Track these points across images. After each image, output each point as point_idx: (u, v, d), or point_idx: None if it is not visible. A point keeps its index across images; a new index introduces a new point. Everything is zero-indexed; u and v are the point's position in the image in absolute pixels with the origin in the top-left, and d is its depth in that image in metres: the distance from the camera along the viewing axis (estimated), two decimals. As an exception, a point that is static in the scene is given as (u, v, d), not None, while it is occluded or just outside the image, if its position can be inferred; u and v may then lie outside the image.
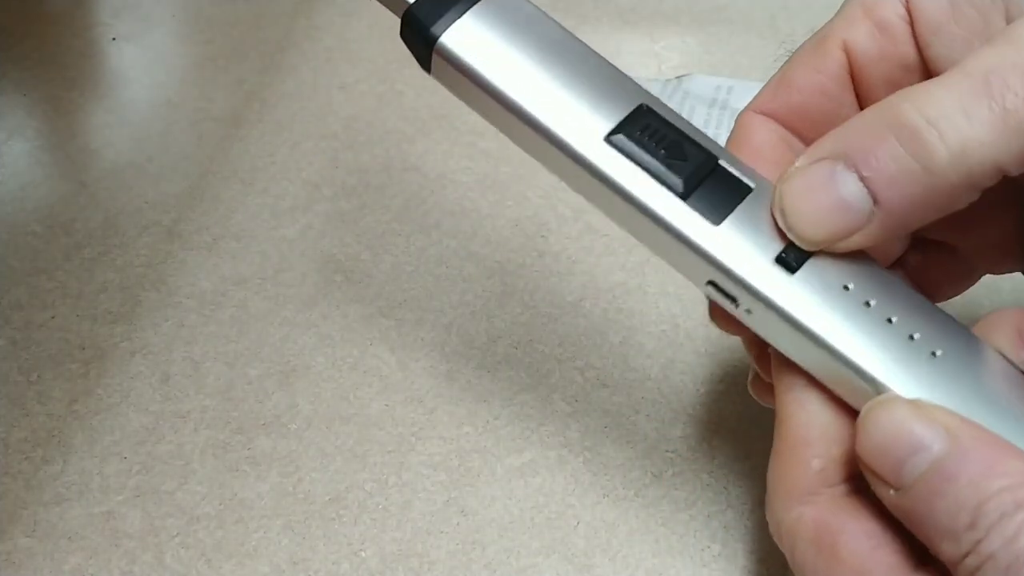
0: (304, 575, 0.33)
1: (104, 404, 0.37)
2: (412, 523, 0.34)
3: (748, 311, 0.24)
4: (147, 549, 0.33)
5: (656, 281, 0.42)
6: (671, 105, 0.45)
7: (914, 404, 0.22)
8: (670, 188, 0.23)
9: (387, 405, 0.37)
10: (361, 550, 0.33)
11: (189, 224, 0.44)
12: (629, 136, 0.23)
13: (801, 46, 0.28)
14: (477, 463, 0.36)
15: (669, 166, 0.23)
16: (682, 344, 0.40)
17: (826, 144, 0.23)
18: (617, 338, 0.40)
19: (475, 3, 0.24)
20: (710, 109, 0.48)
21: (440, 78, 0.25)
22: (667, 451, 0.36)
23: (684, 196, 0.23)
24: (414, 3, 0.25)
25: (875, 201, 0.22)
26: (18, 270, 0.42)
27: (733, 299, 0.24)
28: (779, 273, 0.23)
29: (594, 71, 0.24)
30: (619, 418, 0.37)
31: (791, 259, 0.23)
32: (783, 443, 0.25)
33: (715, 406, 0.38)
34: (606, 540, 0.34)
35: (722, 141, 0.26)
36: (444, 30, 0.24)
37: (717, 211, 0.23)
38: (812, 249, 0.23)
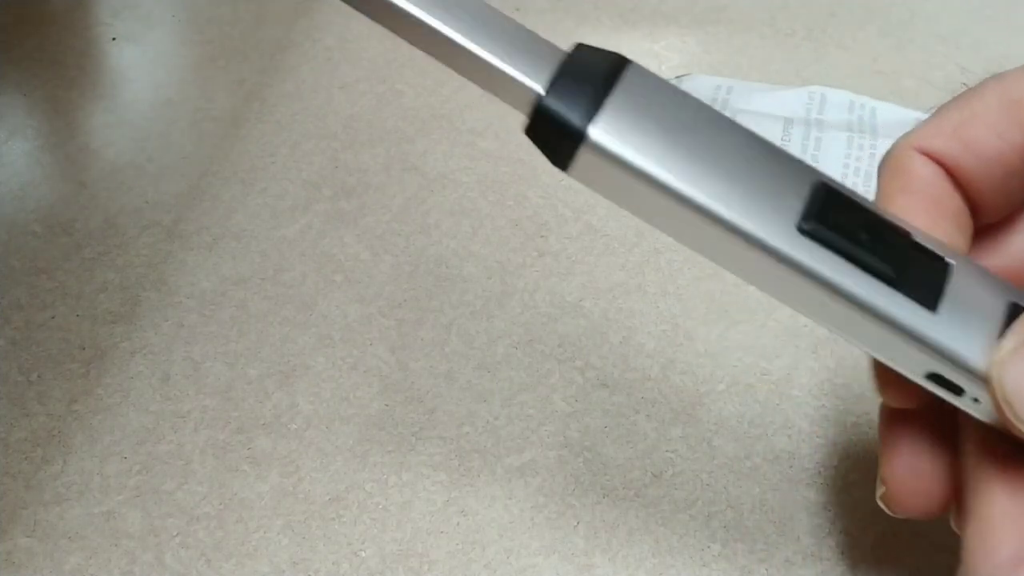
0: (304, 575, 0.33)
1: (104, 404, 0.37)
2: (412, 523, 0.34)
3: (975, 400, 0.22)
4: (147, 549, 0.33)
5: (656, 281, 0.42)
6: None
7: None
8: (879, 275, 0.21)
9: (387, 405, 0.37)
10: (361, 550, 0.33)
11: (189, 224, 0.44)
12: (821, 221, 0.21)
13: (984, 89, 0.24)
14: (477, 463, 0.36)
15: (872, 250, 0.21)
16: (682, 344, 0.40)
17: None
18: (617, 338, 0.40)
19: (611, 88, 0.21)
20: None
21: (584, 176, 0.22)
22: (667, 451, 0.36)
23: (894, 282, 0.21)
24: (547, 94, 0.21)
25: None
26: (18, 270, 0.42)
27: (957, 389, 0.22)
28: None
29: (755, 149, 0.22)
30: (619, 418, 0.37)
31: None
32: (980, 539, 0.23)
33: (715, 406, 0.38)
34: (606, 540, 0.34)
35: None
36: (590, 122, 0.21)
37: (929, 295, 0.21)
38: None
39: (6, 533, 0.34)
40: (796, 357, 0.39)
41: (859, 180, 0.44)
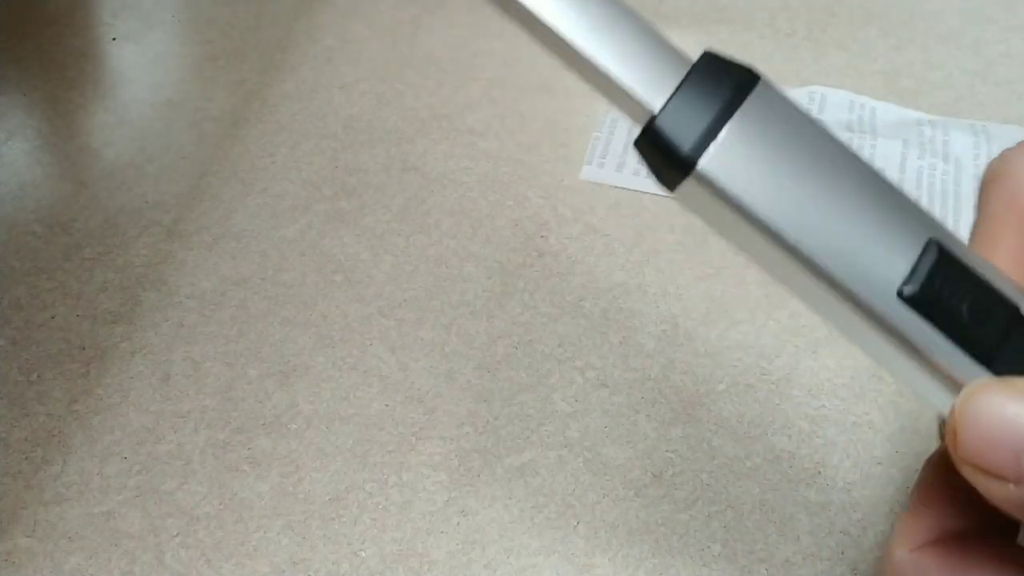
0: (304, 575, 0.33)
1: (104, 404, 0.37)
2: (412, 523, 0.34)
3: None
4: (147, 549, 0.33)
5: (656, 281, 0.42)
6: None
7: (1013, 384, 0.20)
8: (974, 353, 0.20)
9: (387, 405, 0.37)
10: (361, 550, 0.33)
11: (189, 224, 0.44)
12: (924, 288, 0.20)
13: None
14: (477, 463, 0.36)
15: (971, 325, 0.20)
16: (682, 344, 0.40)
17: None
18: (617, 338, 0.40)
19: (732, 113, 0.20)
20: (848, 134, 0.47)
21: (687, 203, 0.21)
22: (667, 451, 0.36)
23: (989, 363, 0.20)
24: (660, 114, 0.20)
25: None
26: (18, 270, 0.42)
27: None
28: None
29: (875, 193, 0.20)
30: (619, 418, 0.37)
31: None
32: None
33: (715, 406, 0.38)
34: (606, 540, 0.34)
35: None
36: (701, 153, 0.20)
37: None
38: None
39: (6, 533, 0.34)
40: (796, 357, 0.39)
41: None
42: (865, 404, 0.37)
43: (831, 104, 0.48)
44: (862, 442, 0.37)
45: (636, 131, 0.21)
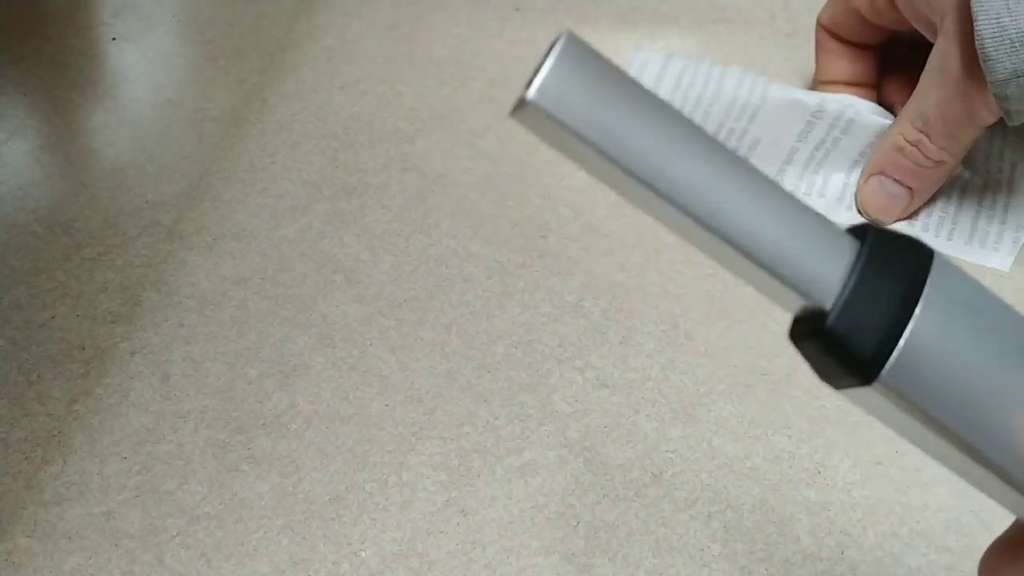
0: (304, 575, 0.33)
1: (104, 404, 0.37)
2: (412, 523, 0.34)
3: None
4: (147, 549, 0.33)
5: (656, 281, 0.42)
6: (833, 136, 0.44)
7: None
8: None
9: (387, 405, 0.37)
10: (361, 550, 0.33)
11: (189, 224, 0.44)
12: None
13: None
14: (477, 463, 0.36)
15: None
16: (682, 344, 0.40)
17: (872, 164, 0.44)
18: (617, 338, 0.40)
19: (913, 308, 0.17)
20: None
21: (855, 401, 0.19)
22: (667, 451, 0.36)
23: None
24: (833, 316, 0.17)
25: (909, 189, 0.43)
26: (18, 270, 0.42)
27: None
28: None
29: None
30: (619, 418, 0.37)
31: None
32: None
33: (715, 406, 0.38)
34: (606, 540, 0.34)
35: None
36: (885, 361, 0.17)
37: None
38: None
39: (6, 533, 0.34)
40: (796, 357, 0.39)
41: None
42: (865, 404, 0.37)
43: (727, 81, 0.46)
44: (862, 442, 0.37)
45: (790, 321, 0.18)
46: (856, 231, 0.18)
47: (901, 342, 0.17)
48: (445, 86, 0.50)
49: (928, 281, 0.17)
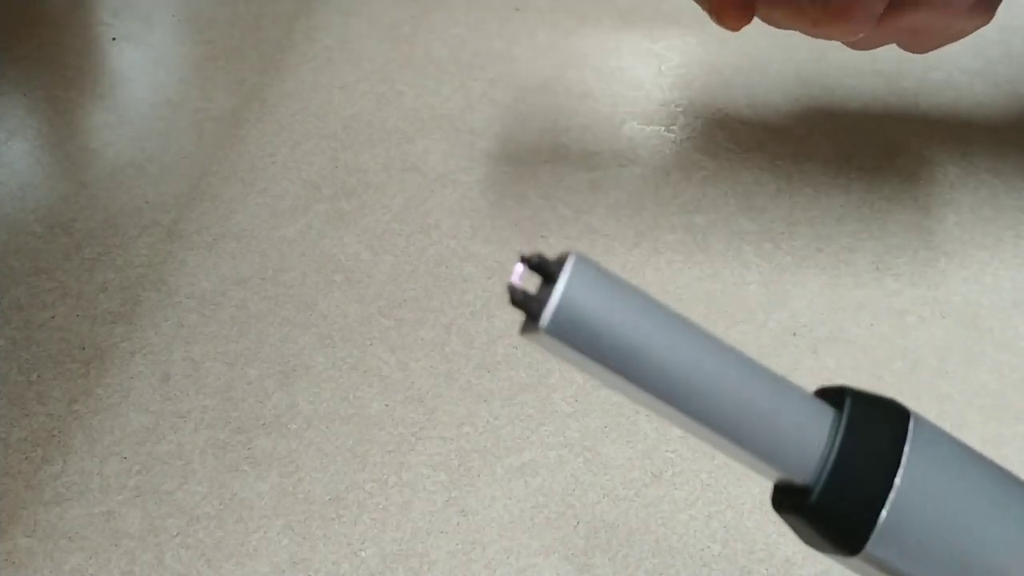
0: (304, 575, 0.33)
1: (104, 404, 0.37)
2: (412, 523, 0.34)
3: None
4: (147, 549, 0.33)
5: (656, 281, 0.42)
6: None
7: None
8: None
9: (387, 405, 0.37)
10: (361, 550, 0.33)
11: (189, 224, 0.44)
12: None
13: None
14: (477, 463, 0.36)
15: None
16: (682, 344, 0.40)
17: None
18: (617, 338, 0.40)
19: (894, 477, 0.17)
20: None
21: (844, 565, 0.19)
22: (667, 451, 0.36)
23: None
24: (817, 493, 0.18)
25: None
26: (18, 270, 0.42)
27: None
28: None
29: None
30: (619, 418, 0.37)
31: None
32: None
33: (715, 406, 0.38)
34: (606, 540, 0.34)
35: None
36: (869, 534, 0.17)
37: None
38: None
39: (6, 533, 0.34)
40: (796, 357, 0.39)
41: None
42: (865, 404, 0.37)
43: None
44: (862, 442, 0.37)
45: (770, 489, 0.18)
46: (831, 394, 0.19)
47: (883, 513, 0.17)
48: (445, 86, 0.50)
49: (906, 446, 0.18)
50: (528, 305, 0.17)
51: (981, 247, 0.44)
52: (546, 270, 0.17)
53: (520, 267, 0.17)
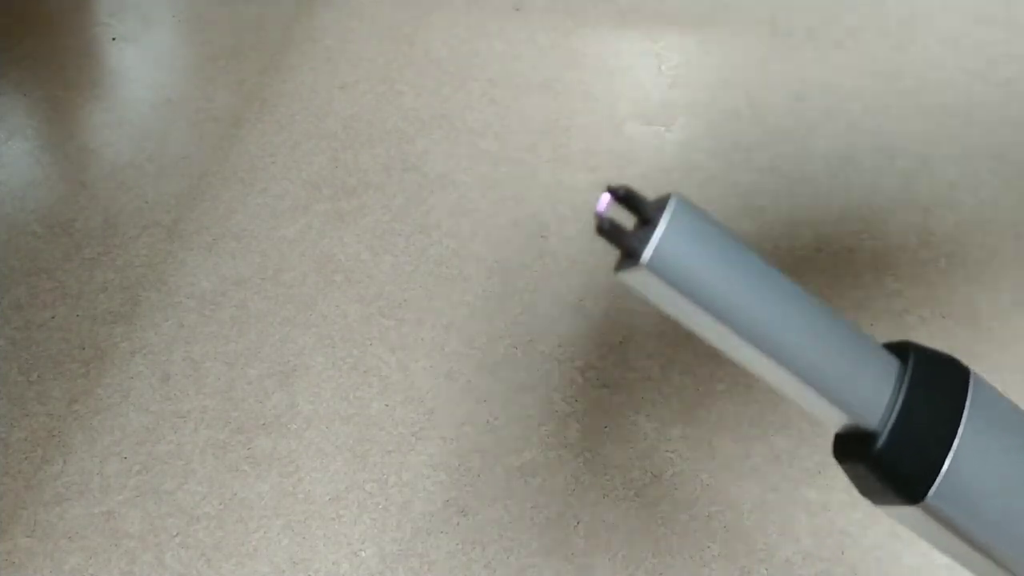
0: (304, 575, 0.33)
1: (104, 404, 0.37)
2: (412, 523, 0.34)
3: None
4: (147, 549, 0.33)
5: (656, 281, 0.42)
6: None
7: None
8: None
9: (387, 405, 0.37)
10: (361, 550, 0.33)
11: (189, 224, 0.44)
12: None
13: None
14: (477, 463, 0.36)
15: None
16: (682, 344, 0.40)
17: None
18: (617, 338, 0.40)
19: (956, 431, 0.18)
20: None
21: (897, 516, 0.19)
22: (667, 451, 0.36)
23: None
24: (882, 441, 0.18)
25: None
26: (18, 270, 0.42)
27: None
28: None
29: None
30: (619, 418, 0.37)
31: None
32: None
33: (715, 406, 0.38)
34: (606, 540, 0.34)
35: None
36: (931, 486, 0.18)
37: None
38: None
39: (6, 533, 0.34)
40: (796, 357, 0.39)
41: None
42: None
43: None
44: (862, 442, 0.37)
45: (833, 436, 0.19)
46: (896, 348, 0.19)
47: (947, 463, 0.18)
48: (445, 86, 0.50)
49: (967, 402, 0.18)
50: (621, 240, 0.18)
51: (981, 247, 0.44)
52: (640, 208, 0.18)
53: (606, 196, 0.18)
